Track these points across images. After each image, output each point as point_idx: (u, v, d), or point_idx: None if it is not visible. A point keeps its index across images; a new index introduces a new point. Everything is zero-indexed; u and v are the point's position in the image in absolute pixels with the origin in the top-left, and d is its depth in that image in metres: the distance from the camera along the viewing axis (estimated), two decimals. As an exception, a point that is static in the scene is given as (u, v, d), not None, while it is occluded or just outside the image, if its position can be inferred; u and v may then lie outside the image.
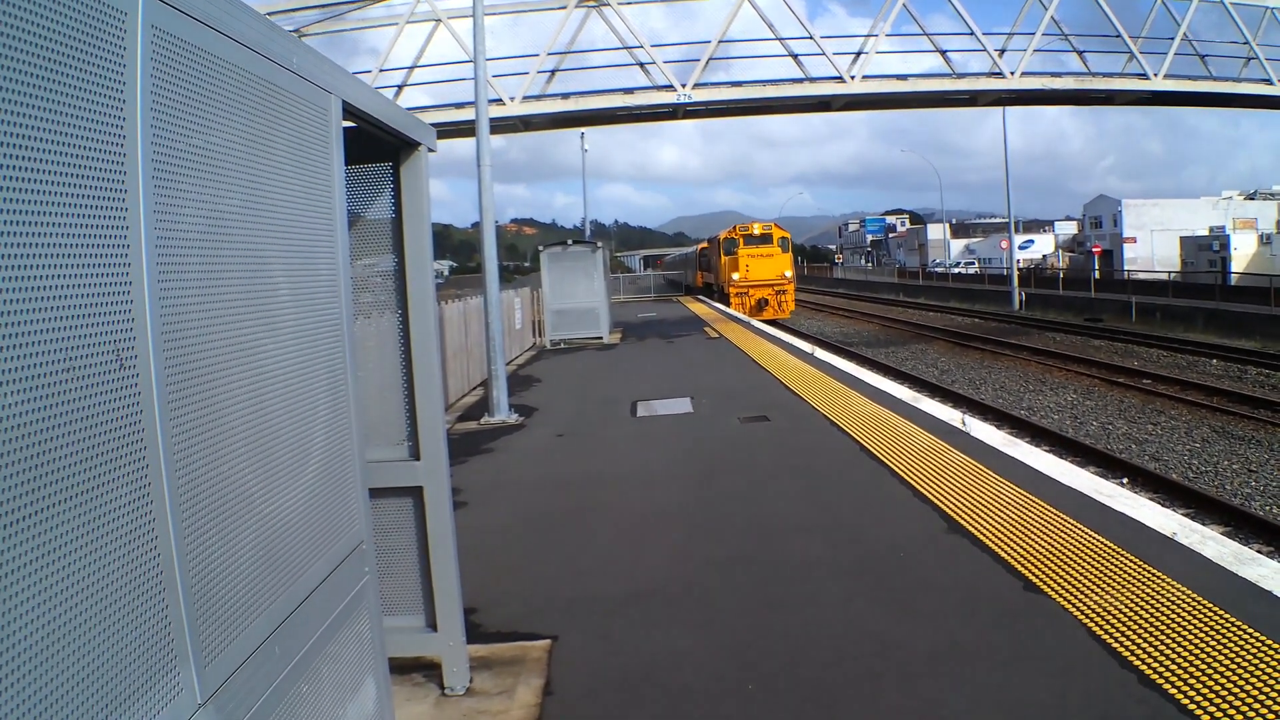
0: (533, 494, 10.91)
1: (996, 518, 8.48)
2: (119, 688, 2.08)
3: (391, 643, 4.46)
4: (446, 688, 5.73)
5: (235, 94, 2.86)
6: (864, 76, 29.45)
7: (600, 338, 31.51)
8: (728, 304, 50.89)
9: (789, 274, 52.28)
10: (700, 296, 66.07)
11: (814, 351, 23.23)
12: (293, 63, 3.29)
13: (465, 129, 24.89)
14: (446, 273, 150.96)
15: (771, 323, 42.91)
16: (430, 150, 5.50)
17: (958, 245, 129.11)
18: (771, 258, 51.88)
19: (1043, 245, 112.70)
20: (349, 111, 4.03)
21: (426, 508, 5.62)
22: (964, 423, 13.10)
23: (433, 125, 5.74)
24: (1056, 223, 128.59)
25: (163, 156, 2.39)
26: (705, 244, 74.35)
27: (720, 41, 29.18)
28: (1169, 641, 5.73)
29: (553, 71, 29.70)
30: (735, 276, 51.23)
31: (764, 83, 30.30)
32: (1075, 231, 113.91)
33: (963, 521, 8.42)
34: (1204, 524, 11.14)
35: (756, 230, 53.68)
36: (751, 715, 5.24)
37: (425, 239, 5.52)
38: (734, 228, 54.53)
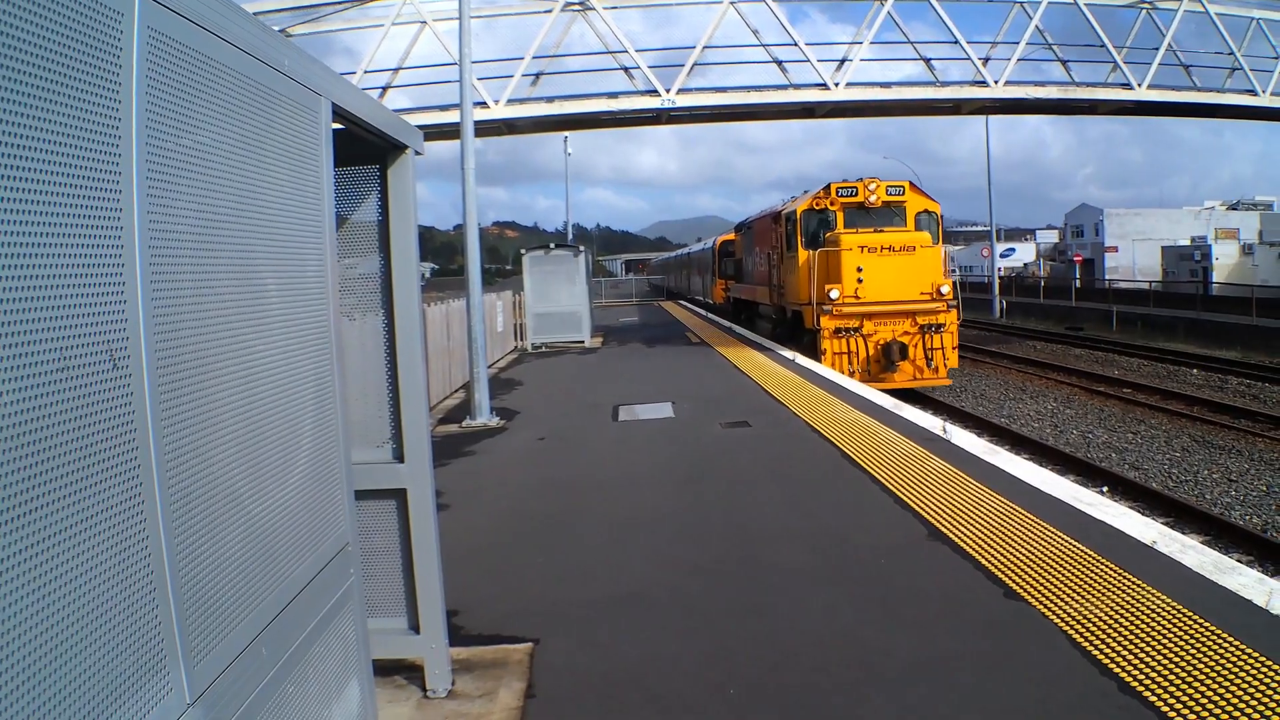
0: (515, 497, 10.90)
1: (978, 525, 8.51)
2: (109, 687, 2.09)
3: (374, 644, 4.46)
4: (428, 690, 5.73)
5: (228, 96, 2.87)
6: (848, 84, 29.52)
7: (582, 341, 31.51)
8: (814, 354, 24.86)
9: (946, 288, 25.16)
10: (711, 318, 44.07)
11: (795, 358, 23.28)
12: (284, 65, 3.30)
13: (447, 131, 24.88)
14: (429, 275, 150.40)
15: (907, 392, 23.85)
16: (417, 153, 5.51)
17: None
18: (910, 253, 25.04)
19: (1024, 254, 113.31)
20: (338, 114, 4.04)
21: (410, 510, 5.61)
22: (945, 430, 13.16)
23: (416, 127, 5.74)
24: (1038, 231, 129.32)
25: (157, 157, 2.40)
26: (734, 234, 45.99)
27: (705, 47, 29.24)
28: (1149, 650, 5.76)
29: (537, 75, 29.70)
30: (834, 294, 24.66)
31: (748, 89, 30.36)
32: (1057, 240, 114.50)
33: (944, 529, 8.45)
34: (1184, 533, 11.17)
35: (873, 193, 26.99)
36: None
37: (411, 241, 5.52)
38: (823, 190, 27.54)
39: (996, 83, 29.70)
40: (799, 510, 9.59)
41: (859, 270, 24.70)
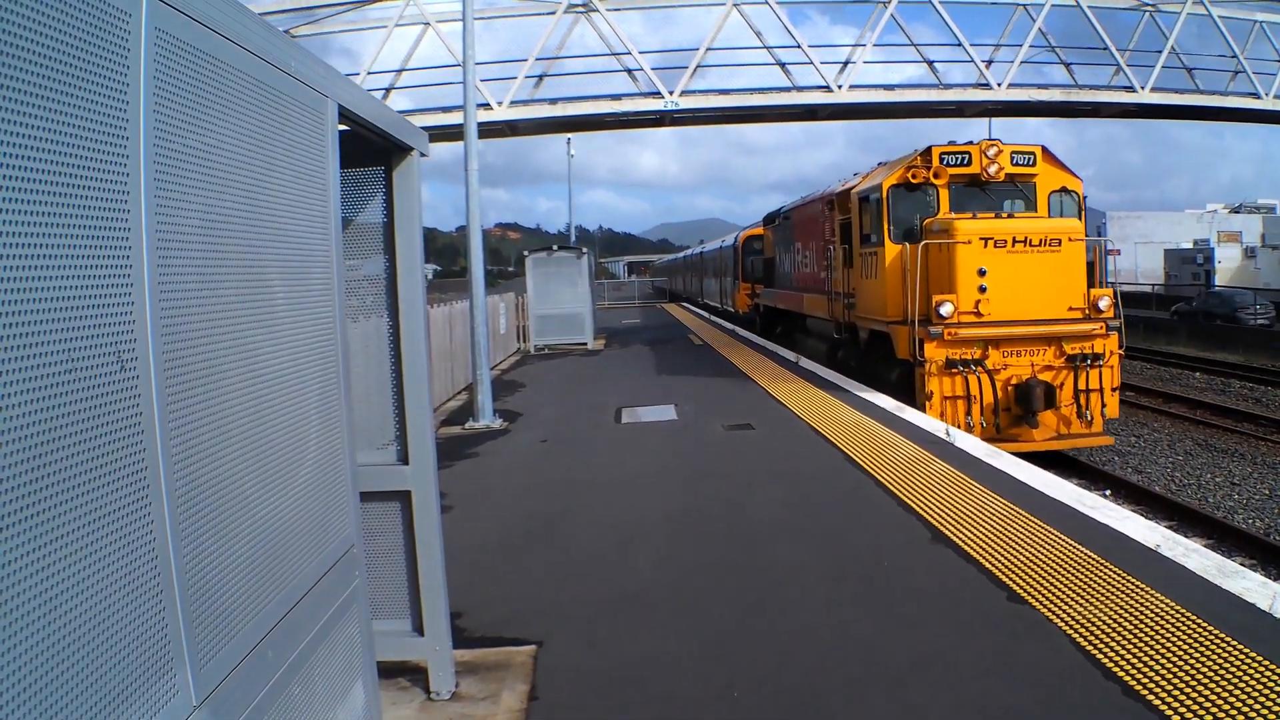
0: (518, 499, 10.90)
1: (980, 528, 8.51)
2: (115, 689, 2.08)
3: (378, 646, 4.46)
4: (432, 692, 5.73)
5: (235, 96, 2.86)
6: (851, 86, 29.63)
7: (585, 343, 31.48)
8: (905, 394, 17.56)
9: (1106, 300, 17.53)
10: (723, 324, 38.98)
11: (799, 360, 23.25)
12: (291, 66, 3.29)
13: (450, 132, 24.95)
14: (431, 276, 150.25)
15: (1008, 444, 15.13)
16: (423, 155, 5.50)
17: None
18: (1053, 250, 17.30)
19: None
20: (344, 115, 4.04)
21: (414, 512, 5.61)
22: (948, 433, 13.16)
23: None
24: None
25: (164, 158, 2.39)
26: (761, 228, 37.44)
27: (709, 49, 29.29)
28: (1152, 653, 5.76)
29: (540, 76, 29.82)
30: (946, 309, 17.14)
31: (751, 91, 30.46)
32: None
33: (947, 531, 8.45)
34: (1187, 536, 11.18)
35: (994, 160, 19.03)
36: (737, 721, 5.25)
37: (416, 243, 5.52)
38: (918, 157, 19.41)
39: (1000, 85, 29.80)
40: (801, 511, 9.59)
41: (981, 274, 16.78)
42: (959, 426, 15.25)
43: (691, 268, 72.66)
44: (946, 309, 16.86)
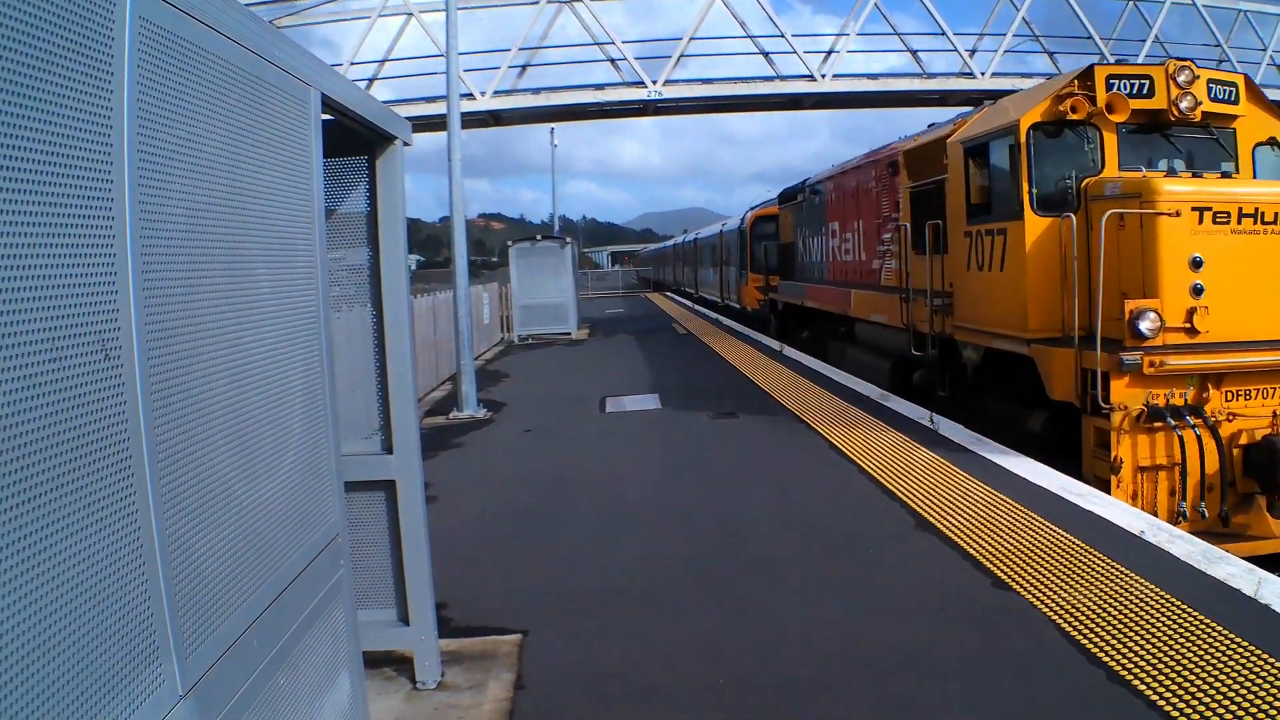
0: (502, 489, 10.90)
1: (965, 515, 8.55)
2: (102, 679, 2.09)
3: (364, 636, 4.46)
4: (418, 682, 5.73)
5: (219, 86, 2.86)
6: (834, 75, 29.68)
7: (569, 333, 31.48)
8: (1067, 461, 10.99)
9: None
10: (717, 319, 35.74)
11: (783, 349, 23.27)
12: (275, 55, 3.29)
13: (433, 123, 24.92)
14: (414, 266, 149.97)
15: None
16: (406, 144, 5.49)
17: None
18: None
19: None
20: (327, 104, 4.03)
21: (399, 501, 5.61)
22: (932, 420, 13.18)
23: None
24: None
25: (148, 148, 2.39)
26: (776, 207, 30.34)
27: (692, 39, 29.31)
28: (1137, 639, 5.80)
29: (524, 66, 29.79)
30: (1146, 321, 10.28)
31: (735, 80, 30.47)
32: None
33: (931, 519, 8.48)
34: (1173, 523, 11.14)
35: (1188, 90, 11.76)
36: (722, 712, 5.26)
37: (400, 233, 5.52)
38: (1074, 81, 11.96)
39: (984, 74, 29.86)
40: (786, 501, 9.61)
41: (1196, 266, 10.59)
42: (1163, 515, 9.97)
43: (683, 257, 64.46)
44: (1149, 322, 10.38)
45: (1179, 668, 5.39)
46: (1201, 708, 4.92)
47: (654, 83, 28.91)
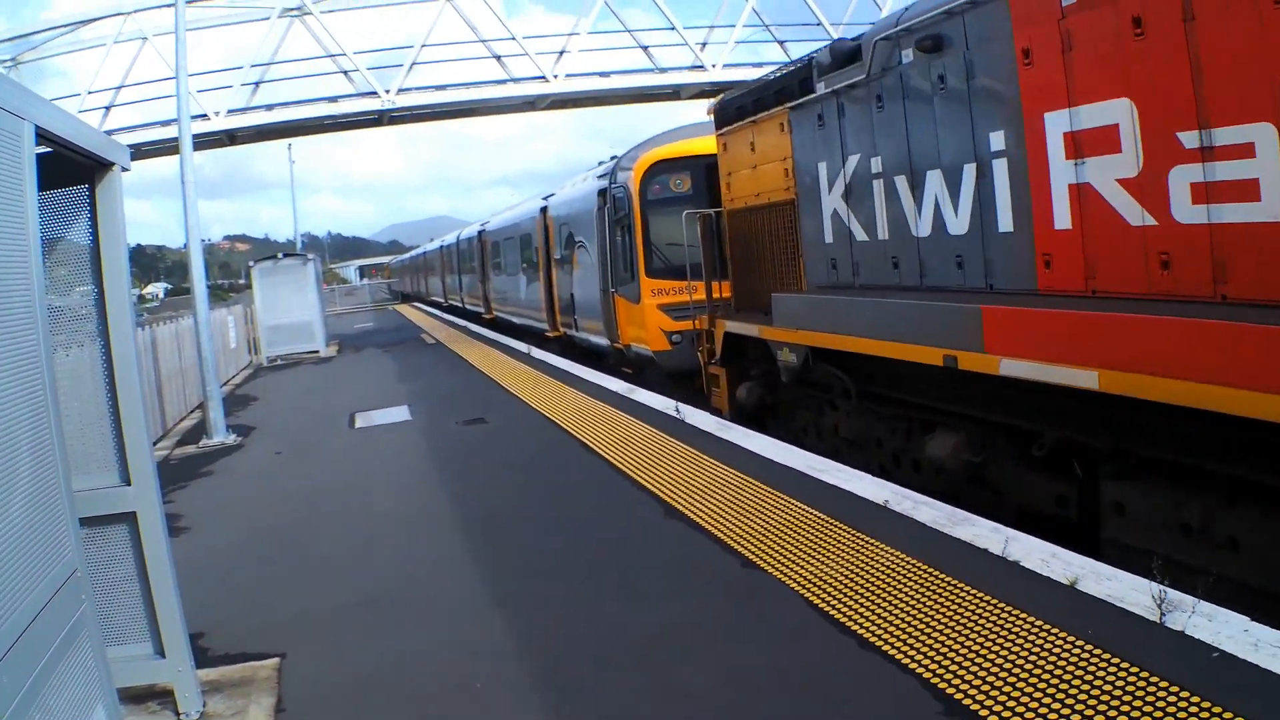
0: (254, 513, 10.70)
1: (713, 501, 8.92)
2: None
3: (123, 671, 4.42)
4: (181, 714, 5.65)
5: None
6: (567, 75, 30.08)
7: (317, 351, 30.81)
8: None
9: None
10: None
11: (530, 351, 23.48)
12: (-23, 93, 3.26)
13: (171, 146, 24.01)
14: (162, 295, 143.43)
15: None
16: (124, 169, 5.40)
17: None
18: None
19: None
20: (42, 136, 3.98)
21: (142, 533, 5.52)
22: (678, 410, 13.62)
23: (138, 144, 5.71)
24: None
25: None
26: (715, 133, 14.15)
27: (423, 46, 29.18)
28: (885, 605, 6.10)
29: (257, 84, 29.07)
30: None
31: (468, 85, 30.50)
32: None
33: (680, 507, 8.82)
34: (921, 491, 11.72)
35: None
36: (482, 710, 5.41)
37: (122, 262, 5.41)
38: None
39: (715, 66, 30.74)
40: (540, 501, 9.85)
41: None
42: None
43: (458, 259, 48.17)
44: None
45: (928, 629, 5.64)
46: (954, 667, 5.14)
47: (387, 92, 28.67)
